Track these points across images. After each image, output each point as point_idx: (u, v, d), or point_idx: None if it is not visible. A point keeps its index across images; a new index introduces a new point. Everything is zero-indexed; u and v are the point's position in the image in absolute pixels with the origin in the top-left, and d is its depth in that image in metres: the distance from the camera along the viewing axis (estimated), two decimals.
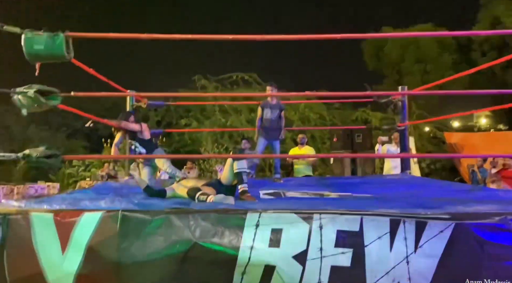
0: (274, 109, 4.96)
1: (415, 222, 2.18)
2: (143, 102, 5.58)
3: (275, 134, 5.02)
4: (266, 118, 4.97)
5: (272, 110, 4.96)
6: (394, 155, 6.84)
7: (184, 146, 13.26)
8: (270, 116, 4.96)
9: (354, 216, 2.22)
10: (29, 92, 2.49)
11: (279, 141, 5.14)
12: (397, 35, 3.28)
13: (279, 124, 5.02)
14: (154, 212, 2.37)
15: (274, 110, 4.96)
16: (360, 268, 2.15)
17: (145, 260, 2.26)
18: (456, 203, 2.61)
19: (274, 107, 4.97)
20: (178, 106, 13.65)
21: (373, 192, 3.71)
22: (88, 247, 2.29)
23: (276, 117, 4.99)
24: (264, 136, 5.02)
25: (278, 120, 5.01)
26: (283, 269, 2.14)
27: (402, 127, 5.46)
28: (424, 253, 2.12)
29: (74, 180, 11.67)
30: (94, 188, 4.16)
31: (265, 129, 5.00)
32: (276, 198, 3.43)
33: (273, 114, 4.98)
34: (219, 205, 2.69)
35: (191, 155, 10.21)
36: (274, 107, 4.97)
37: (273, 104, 4.99)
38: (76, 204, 2.59)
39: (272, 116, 4.97)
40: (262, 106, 5.03)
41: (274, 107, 4.97)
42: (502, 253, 2.10)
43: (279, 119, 5.01)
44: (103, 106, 15.51)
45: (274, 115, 4.98)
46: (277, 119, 5.00)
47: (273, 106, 4.97)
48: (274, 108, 4.97)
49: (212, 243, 2.22)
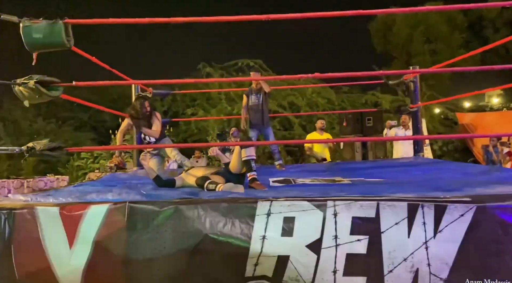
0: (258, 94, 5.06)
1: (434, 206, 2.08)
2: (148, 92, 5.50)
3: (261, 118, 5.05)
4: (251, 104, 5.07)
5: (257, 95, 5.06)
6: (406, 137, 6.68)
7: (191, 135, 13.19)
8: (254, 101, 5.07)
9: (370, 202, 2.13)
10: (29, 83, 2.42)
11: (270, 128, 5.21)
12: (407, 10, 3.15)
13: (263, 108, 5.08)
14: (162, 203, 2.30)
15: (258, 95, 5.06)
16: (377, 256, 2.07)
17: (154, 253, 2.20)
18: (475, 185, 2.51)
19: (257, 92, 5.06)
20: (184, 95, 13.57)
21: (386, 177, 3.61)
22: (95, 241, 2.24)
23: (262, 101, 5.06)
24: (253, 126, 5.09)
25: (264, 104, 5.07)
26: (297, 259, 2.07)
27: (415, 108, 5.31)
28: (444, 238, 2.03)
29: (83, 172, 11.71)
30: (101, 180, 4.11)
31: (251, 115, 5.08)
32: (287, 185, 3.35)
33: (258, 99, 5.07)
34: (229, 194, 2.61)
35: (198, 144, 10.12)
36: (257, 92, 5.06)
37: (257, 89, 5.07)
38: (83, 197, 2.53)
39: (257, 101, 5.07)
40: (247, 93, 5.16)
41: (257, 92, 5.06)
42: None
43: (264, 103, 5.07)
44: (110, 97, 15.49)
45: (259, 99, 5.07)
46: (262, 103, 5.07)
47: (257, 92, 5.06)
48: (258, 93, 5.05)
49: (223, 235, 2.16)
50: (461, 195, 2.12)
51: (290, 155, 12.35)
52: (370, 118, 7.37)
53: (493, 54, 18.04)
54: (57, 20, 2.44)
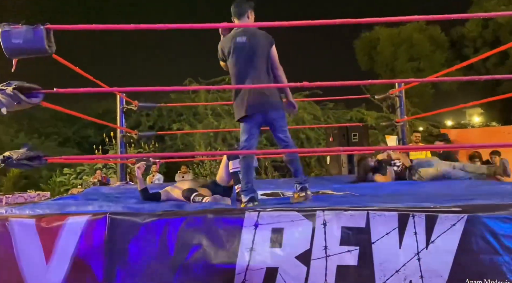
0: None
1: (425, 216, 2.04)
2: (134, 104, 5.42)
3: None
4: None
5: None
6: (393, 147, 6.68)
7: (177, 151, 13.07)
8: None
9: (360, 212, 2.07)
10: (7, 89, 2.32)
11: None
12: (409, 19, 3.14)
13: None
14: (145, 215, 2.20)
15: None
16: (368, 267, 2.00)
17: (136, 268, 2.09)
18: (464, 197, 2.48)
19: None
20: (170, 110, 13.48)
21: (375, 190, 3.57)
22: (74, 256, 2.12)
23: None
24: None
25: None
26: (286, 271, 1.99)
27: (400, 122, 5.34)
28: (437, 249, 1.97)
29: (66, 188, 11.42)
30: (82, 194, 3.96)
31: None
32: (275, 198, 3.27)
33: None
34: (216, 205, 2.53)
35: (185, 153, 9.95)
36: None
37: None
38: (61, 209, 2.41)
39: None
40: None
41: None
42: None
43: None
44: (95, 112, 15.29)
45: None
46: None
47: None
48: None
49: (210, 248, 2.07)
50: (451, 205, 2.08)
51: (277, 170, 12.30)
52: (356, 133, 7.38)
53: (474, 72, 18.56)
54: (38, 25, 2.37)
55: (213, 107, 12.76)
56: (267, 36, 2.90)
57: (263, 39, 2.85)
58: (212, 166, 11.37)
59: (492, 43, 17.93)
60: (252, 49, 2.78)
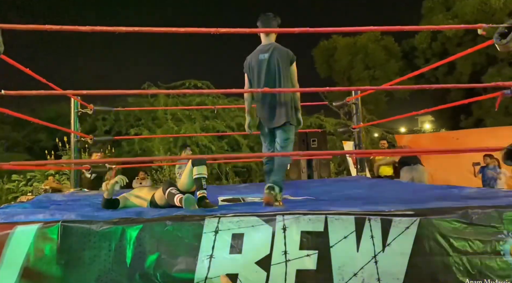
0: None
1: (380, 220, 2.11)
2: (89, 108, 5.24)
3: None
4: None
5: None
6: (351, 151, 6.89)
7: (135, 156, 12.68)
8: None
9: (318, 216, 2.11)
10: None
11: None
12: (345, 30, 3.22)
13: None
14: (100, 223, 2.12)
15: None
16: (326, 271, 2.04)
17: (91, 279, 2.00)
18: (417, 201, 2.59)
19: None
20: (128, 115, 13.08)
21: (333, 194, 3.66)
22: (24, 266, 2.00)
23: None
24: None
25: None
26: (246, 277, 1.98)
27: (357, 129, 5.52)
28: (392, 252, 2.04)
29: (14, 196, 10.77)
30: (33, 201, 3.74)
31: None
32: (236, 204, 3.26)
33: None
34: (175, 211, 2.48)
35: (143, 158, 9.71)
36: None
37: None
38: (8, 218, 2.27)
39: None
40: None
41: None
42: (468, 246, 2.08)
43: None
44: (47, 116, 14.56)
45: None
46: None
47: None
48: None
49: (168, 256, 2.02)
50: (404, 209, 2.17)
51: (238, 176, 12.28)
52: (315, 139, 7.55)
53: (425, 81, 19.55)
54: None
55: (173, 112, 12.54)
56: (288, 53, 3.07)
57: (284, 56, 3.03)
58: (171, 172, 11.14)
59: (441, 54, 18.94)
60: (270, 65, 2.99)
